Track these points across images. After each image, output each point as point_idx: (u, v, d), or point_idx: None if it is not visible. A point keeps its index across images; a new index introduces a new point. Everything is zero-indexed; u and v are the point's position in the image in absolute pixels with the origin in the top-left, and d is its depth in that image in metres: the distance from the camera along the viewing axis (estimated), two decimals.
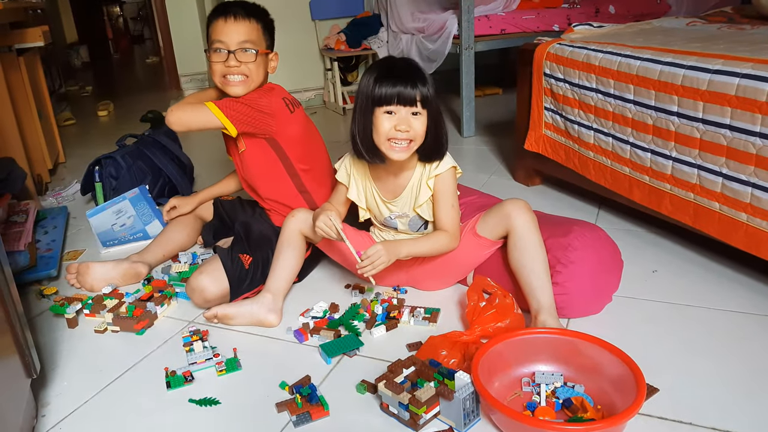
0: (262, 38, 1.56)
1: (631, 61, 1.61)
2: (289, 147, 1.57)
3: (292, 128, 1.57)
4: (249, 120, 1.50)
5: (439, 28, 3.04)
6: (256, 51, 1.52)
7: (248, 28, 1.53)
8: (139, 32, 10.26)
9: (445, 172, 1.33)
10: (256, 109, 1.50)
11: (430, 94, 1.27)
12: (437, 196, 1.35)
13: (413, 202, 1.37)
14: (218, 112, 1.48)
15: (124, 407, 1.17)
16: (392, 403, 1.06)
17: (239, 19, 1.52)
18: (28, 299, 1.62)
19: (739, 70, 1.34)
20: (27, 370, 1.09)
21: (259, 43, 1.54)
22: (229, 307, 1.40)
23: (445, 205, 1.34)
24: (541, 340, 1.14)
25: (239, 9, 1.54)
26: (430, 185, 1.34)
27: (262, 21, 1.57)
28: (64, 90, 4.84)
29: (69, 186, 2.53)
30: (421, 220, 1.40)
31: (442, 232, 1.36)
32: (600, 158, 1.77)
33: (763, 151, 1.29)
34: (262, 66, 1.57)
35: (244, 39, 1.51)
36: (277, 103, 1.55)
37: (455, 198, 1.36)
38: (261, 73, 1.57)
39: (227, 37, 1.51)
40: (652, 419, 1.03)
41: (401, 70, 1.27)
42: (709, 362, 1.17)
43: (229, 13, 1.53)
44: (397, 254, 1.31)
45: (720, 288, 1.43)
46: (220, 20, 1.52)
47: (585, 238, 1.34)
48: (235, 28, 1.52)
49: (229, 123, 1.49)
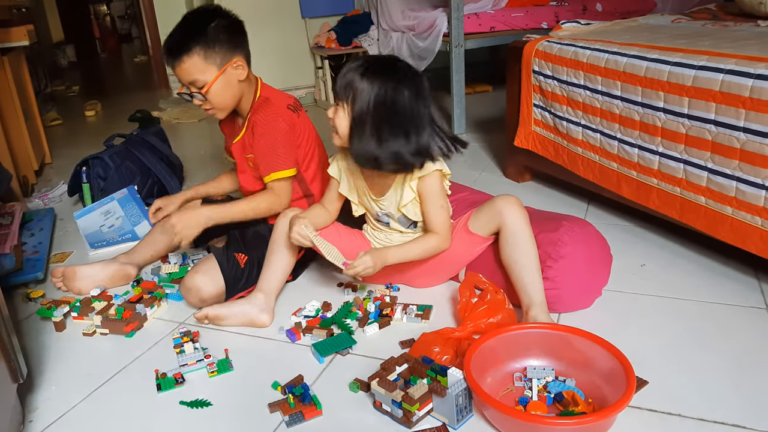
0: (207, 64, 1.44)
1: (618, 57, 1.62)
2: (299, 151, 1.56)
3: (302, 136, 1.56)
4: (292, 152, 1.50)
5: (429, 26, 3.04)
6: (201, 88, 1.45)
7: (187, 67, 1.44)
8: (127, 31, 10.17)
9: (429, 175, 1.31)
10: (286, 138, 1.49)
11: (363, 96, 1.22)
12: (424, 198, 1.33)
13: (398, 202, 1.37)
14: (283, 173, 1.48)
15: (114, 411, 1.16)
16: (385, 400, 1.06)
17: (175, 62, 1.44)
18: (14, 302, 1.60)
19: (723, 66, 1.35)
20: (13, 374, 1.08)
21: (205, 73, 1.44)
22: (220, 308, 1.39)
23: (433, 206, 1.33)
24: (533, 335, 1.15)
25: (172, 47, 1.44)
26: (413, 187, 1.33)
27: (201, 43, 1.43)
28: (51, 90, 4.80)
29: (56, 187, 2.50)
30: (408, 220, 1.40)
31: (431, 234, 1.35)
32: (588, 154, 1.78)
33: (747, 146, 1.31)
34: (226, 87, 1.48)
35: (188, 81, 1.46)
36: (288, 118, 1.51)
37: (444, 198, 1.35)
38: (229, 94, 1.49)
39: (178, 78, 1.48)
40: (642, 411, 1.04)
41: (353, 62, 1.27)
42: (697, 354, 1.18)
43: (165, 54, 1.46)
44: (384, 261, 1.33)
45: (707, 281, 1.44)
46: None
47: (575, 233, 1.35)
48: (177, 71, 1.45)
49: (291, 170, 1.50)
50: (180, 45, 1.43)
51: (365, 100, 1.23)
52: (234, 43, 1.48)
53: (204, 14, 1.48)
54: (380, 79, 1.23)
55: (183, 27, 1.47)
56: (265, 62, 3.85)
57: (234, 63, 1.48)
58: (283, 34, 3.83)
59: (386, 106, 1.23)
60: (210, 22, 1.45)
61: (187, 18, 1.49)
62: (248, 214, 1.49)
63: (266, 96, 1.55)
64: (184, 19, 1.49)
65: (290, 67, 3.91)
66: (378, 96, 1.23)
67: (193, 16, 1.49)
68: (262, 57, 3.83)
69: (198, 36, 1.43)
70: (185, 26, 1.47)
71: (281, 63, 3.89)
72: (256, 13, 3.73)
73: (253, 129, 1.51)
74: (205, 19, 1.46)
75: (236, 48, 1.49)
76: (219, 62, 1.45)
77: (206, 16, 1.48)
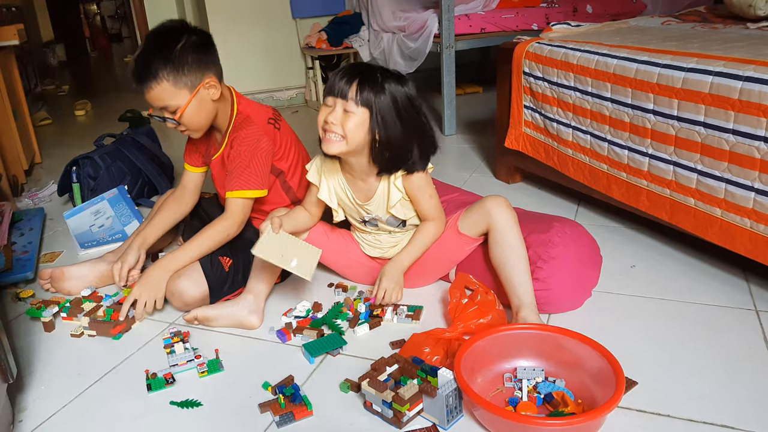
0: (178, 88, 1.38)
1: (608, 59, 1.63)
2: (283, 164, 1.54)
3: (285, 147, 1.53)
4: (267, 172, 1.47)
5: (419, 26, 3.05)
6: (174, 113, 1.41)
7: (156, 93, 1.38)
8: (117, 30, 10.12)
9: (413, 175, 1.32)
10: (265, 158, 1.45)
11: (378, 102, 1.21)
12: (412, 194, 1.34)
13: (386, 205, 1.36)
14: (246, 193, 1.43)
15: (104, 411, 1.15)
16: (376, 401, 1.06)
17: (143, 89, 1.38)
18: (3, 302, 1.59)
19: (712, 68, 1.36)
20: (3, 374, 1.07)
21: (176, 98, 1.38)
22: (210, 309, 1.39)
23: (422, 199, 1.35)
24: (523, 336, 1.15)
25: (138, 73, 1.37)
26: (399, 186, 1.33)
27: (169, 67, 1.35)
28: (40, 89, 4.76)
29: (45, 187, 2.48)
30: (397, 219, 1.40)
31: (427, 222, 1.38)
32: (578, 156, 1.79)
33: (736, 148, 1.32)
34: (200, 108, 1.42)
35: (159, 106, 1.40)
36: (271, 134, 1.48)
37: (431, 188, 1.36)
38: (204, 114, 1.44)
39: (148, 102, 1.42)
40: (632, 412, 1.05)
41: (355, 68, 1.24)
42: (686, 355, 1.19)
43: (131, 80, 1.39)
44: (402, 269, 1.38)
45: (696, 282, 1.45)
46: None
47: (565, 234, 1.36)
48: (147, 97, 1.39)
49: (257, 191, 1.45)
50: (146, 71, 1.36)
51: (388, 105, 1.23)
52: (204, 62, 1.41)
53: (168, 33, 1.40)
54: (396, 84, 1.25)
55: (147, 51, 1.38)
56: (256, 62, 3.86)
57: (206, 83, 1.41)
58: (273, 35, 3.82)
59: (410, 109, 1.26)
60: (176, 42, 1.37)
61: (151, 40, 1.40)
62: (206, 249, 1.44)
63: (246, 113, 1.48)
64: (147, 42, 1.40)
65: (281, 68, 3.91)
66: (402, 100, 1.24)
67: (156, 37, 1.40)
68: (252, 57, 3.85)
69: (165, 60, 1.35)
70: (150, 50, 1.37)
71: (272, 63, 3.88)
72: (246, 13, 3.73)
73: (232, 144, 1.46)
74: (170, 38, 1.38)
75: (207, 66, 1.41)
76: (190, 85, 1.39)
77: (171, 35, 1.39)
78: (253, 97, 3.82)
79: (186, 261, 1.43)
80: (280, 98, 3.97)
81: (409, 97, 1.26)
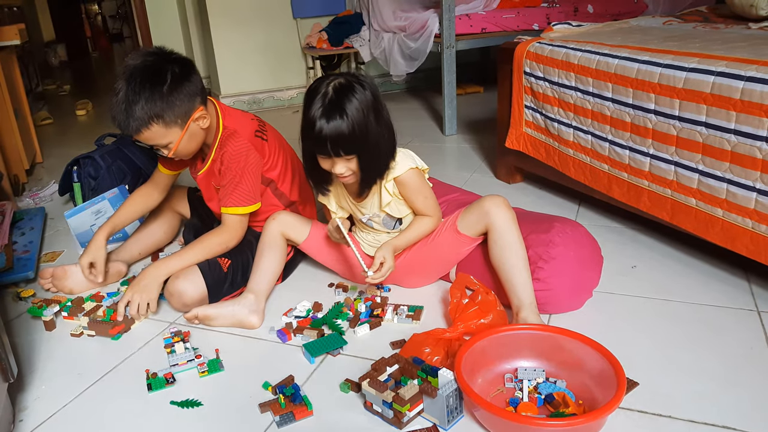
0: (169, 129, 1.35)
1: (609, 59, 1.63)
2: (273, 174, 1.54)
3: (273, 157, 1.53)
4: (257, 187, 1.47)
5: (420, 26, 3.05)
6: (165, 147, 1.39)
7: (147, 137, 1.35)
8: (118, 30, 10.12)
9: (404, 175, 1.31)
10: (255, 173, 1.45)
11: (356, 143, 1.20)
12: (407, 195, 1.35)
13: (379, 204, 1.38)
14: (241, 210, 1.44)
15: (105, 410, 1.15)
16: (376, 401, 1.06)
17: (132, 135, 1.36)
18: (4, 302, 1.59)
19: (714, 68, 1.36)
20: (3, 374, 1.07)
21: (167, 136, 1.36)
22: (210, 308, 1.38)
23: (416, 199, 1.36)
24: (524, 336, 1.15)
25: (125, 121, 1.32)
26: (389, 188, 1.34)
27: (157, 110, 1.31)
28: (42, 89, 4.76)
29: (46, 186, 2.48)
30: (392, 218, 1.41)
31: (423, 217, 1.39)
32: (579, 156, 1.79)
33: (738, 148, 1.32)
34: (191, 139, 1.40)
35: (152, 145, 1.38)
36: (259, 147, 1.47)
37: (427, 189, 1.37)
38: (195, 143, 1.42)
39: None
40: (633, 413, 1.05)
41: (324, 138, 1.19)
42: (687, 356, 1.19)
43: (118, 127, 1.34)
44: (395, 249, 1.35)
45: (697, 282, 1.45)
46: None
47: (566, 234, 1.36)
48: (135, 138, 1.36)
49: (250, 207, 1.45)
50: (134, 120, 1.31)
51: (360, 141, 1.20)
52: (191, 93, 1.36)
53: (151, 74, 1.32)
54: (354, 108, 1.19)
55: (132, 98, 1.30)
56: (257, 62, 3.86)
57: (195, 117, 1.38)
58: (274, 35, 3.83)
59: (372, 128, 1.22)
60: (161, 83, 1.31)
61: (135, 84, 1.31)
62: (201, 258, 1.44)
63: (232, 128, 1.45)
64: (129, 86, 1.31)
65: (281, 67, 3.91)
66: (363, 126, 1.19)
67: (141, 81, 1.31)
68: (253, 57, 3.85)
69: (153, 105, 1.31)
70: (134, 97, 1.30)
71: (272, 63, 3.88)
72: (247, 13, 3.73)
73: (221, 159, 1.45)
74: (154, 80, 1.31)
75: (194, 97, 1.37)
76: (180, 122, 1.36)
77: (154, 75, 1.32)
78: (254, 97, 3.86)
79: (180, 268, 1.44)
80: (281, 98, 3.97)
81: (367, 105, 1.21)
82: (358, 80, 1.23)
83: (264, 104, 3.92)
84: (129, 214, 1.63)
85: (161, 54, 1.37)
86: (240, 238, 1.48)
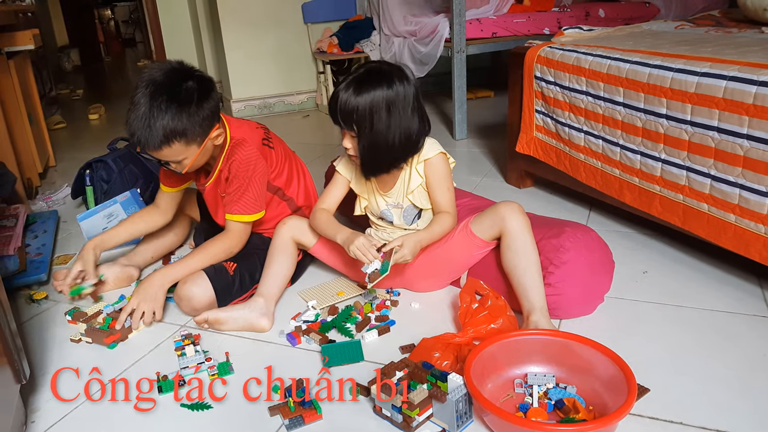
0: (189, 147, 1.35)
1: (620, 64, 1.62)
2: (280, 181, 1.56)
3: (280, 164, 1.55)
4: (263, 195, 1.48)
5: (430, 31, 3.05)
6: (179, 163, 1.38)
7: (165, 154, 1.34)
8: (131, 35, 10.23)
9: (435, 157, 1.36)
10: (261, 181, 1.46)
11: (354, 121, 1.27)
12: (431, 180, 1.37)
13: (405, 190, 1.39)
14: (246, 217, 1.45)
15: (115, 413, 1.16)
16: (385, 405, 1.06)
17: (151, 153, 1.35)
18: (17, 304, 1.60)
19: (726, 73, 1.35)
20: (16, 375, 1.08)
21: (184, 154, 1.35)
22: (220, 312, 1.39)
23: (440, 187, 1.37)
24: (534, 341, 1.14)
25: (147, 139, 1.30)
26: (420, 170, 1.37)
27: (180, 129, 1.30)
28: (55, 93, 4.81)
29: (59, 190, 2.51)
30: (415, 209, 1.42)
31: (442, 213, 1.39)
32: (590, 160, 1.78)
33: (751, 153, 1.31)
34: (204, 155, 1.41)
35: (167, 161, 1.38)
36: (266, 154, 1.49)
37: (450, 181, 1.39)
38: (205, 158, 1.43)
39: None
40: (644, 419, 1.04)
41: (334, 102, 1.29)
42: (699, 362, 1.18)
43: (138, 145, 1.33)
44: (420, 243, 1.34)
45: (709, 288, 1.44)
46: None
47: (577, 239, 1.35)
48: (151, 154, 1.35)
49: (255, 215, 1.46)
50: (157, 139, 1.30)
51: (365, 123, 1.27)
52: (212, 112, 1.36)
53: (176, 88, 1.30)
54: (371, 91, 1.26)
55: (158, 114, 1.28)
56: (267, 67, 3.88)
57: (213, 134, 1.39)
58: (285, 39, 3.85)
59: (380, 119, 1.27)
60: (187, 99, 1.30)
61: (159, 98, 1.28)
62: (206, 264, 1.45)
63: (240, 138, 1.46)
64: (154, 99, 1.28)
65: (292, 72, 3.93)
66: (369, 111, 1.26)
67: (166, 95, 1.29)
68: (264, 62, 3.87)
69: (179, 125, 1.30)
70: (161, 113, 1.28)
71: (283, 68, 3.90)
72: (258, 18, 3.76)
73: (229, 167, 1.45)
74: (180, 96, 1.29)
75: (213, 117, 1.37)
76: (199, 140, 1.36)
77: (179, 90, 1.30)
78: (265, 102, 3.89)
79: (184, 272, 1.44)
80: (291, 102, 3.99)
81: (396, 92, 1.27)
82: (399, 74, 1.29)
83: (274, 108, 3.94)
84: (122, 233, 1.61)
85: (183, 70, 1.36)
86: (243, 244, 1.50)
